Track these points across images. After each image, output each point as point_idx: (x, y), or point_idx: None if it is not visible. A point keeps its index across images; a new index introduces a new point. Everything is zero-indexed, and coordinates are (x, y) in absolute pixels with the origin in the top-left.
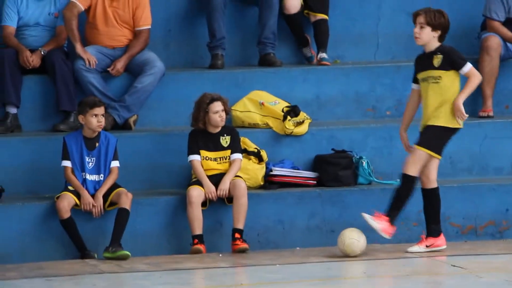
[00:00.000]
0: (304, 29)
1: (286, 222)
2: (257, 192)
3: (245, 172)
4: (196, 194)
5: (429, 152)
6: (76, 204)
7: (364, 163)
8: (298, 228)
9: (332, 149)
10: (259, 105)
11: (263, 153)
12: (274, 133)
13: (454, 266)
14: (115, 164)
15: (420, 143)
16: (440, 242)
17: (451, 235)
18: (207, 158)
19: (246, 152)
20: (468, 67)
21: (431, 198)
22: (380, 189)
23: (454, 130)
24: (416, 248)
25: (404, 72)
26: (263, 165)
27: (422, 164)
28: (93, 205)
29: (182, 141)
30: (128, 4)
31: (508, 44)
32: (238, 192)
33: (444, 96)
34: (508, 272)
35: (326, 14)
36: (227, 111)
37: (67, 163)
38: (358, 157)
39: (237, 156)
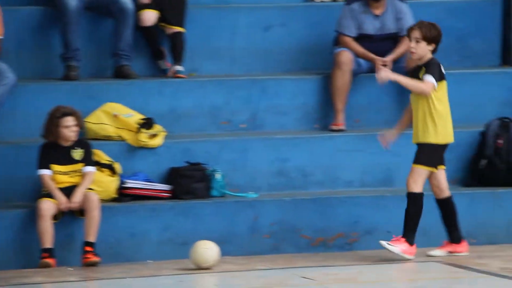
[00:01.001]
0: (160, 42)
1: (138, 235)
2: (110, 205)
3: (98, 184)
4: (46, 207)
5: (425, 168)
6: None
7: (218, 175)
8: (151, 241)
9: (186, 162)
10: (113, 117)
11: (117, 166)
12: (128, 146)
13: (304, 277)
14: None
15: (416, 161)
16: (461, 248)
17: (302, 247)
18: (58, 173)
19: (99, 165)
20: (429, 77)
21: (447, 206)
22: (234, 201)
23: (445, 145)
24: (437, 252)
25: (259, 86)
26: (116, 178)
27: (423, 179)
28: None
29: (33, 154)
30: None
31: (360, 60)
32: (90, 205)
33: (429, 109)
34: (355, 283)
35: (182, 27)
36: (80, 125)
37: None
38: (212, 169)
39: (90, 169)
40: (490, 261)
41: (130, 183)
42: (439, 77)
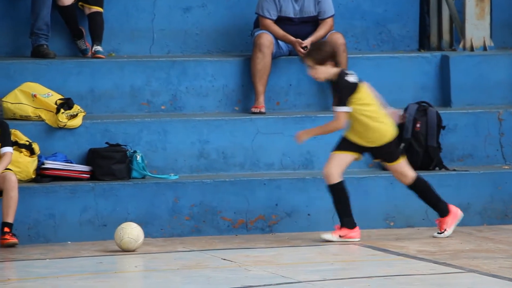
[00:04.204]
0: (78, 21)
1: (57, 216)
2: (28, 186)
3: (16, 165)
4: None
5: (398, 162)
6: None
7: (138, 157)
8: (70, 222)
9: (106, 143)
10: (31, 97)
11: (35, 146)
12: (47, 126)
13: (224, 259)
14: None
15: (394, 160)
16: (354, 234)
17: (222, 229)
18: None
19: (17, 145)
20: (338, 108)
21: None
22: (154, 183)
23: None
24: (329, 236)
25: (179, 67)
26: (35, 158)
27: (407, 167)
28: None
29: None
30: None
31: (280, 42)
32: (8, 185)
33: (366, 117)
34: (275, 265)
35: (101, 6)
36: None
37: None
38: (132, 151)
39: (7, 149)
40: (408, 243)
41: (49, 164)
42: (350, 93)
